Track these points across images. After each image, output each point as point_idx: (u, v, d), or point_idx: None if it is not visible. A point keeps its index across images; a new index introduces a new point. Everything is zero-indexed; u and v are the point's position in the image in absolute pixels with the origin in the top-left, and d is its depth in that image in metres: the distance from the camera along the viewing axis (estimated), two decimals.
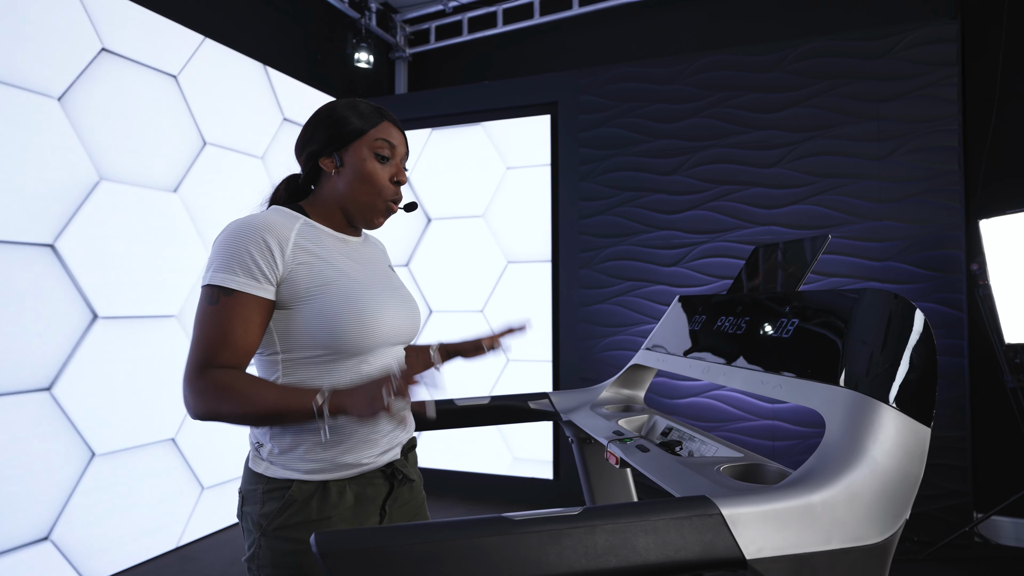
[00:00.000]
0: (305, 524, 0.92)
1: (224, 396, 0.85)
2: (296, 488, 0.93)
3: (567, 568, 0.56)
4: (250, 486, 0.97)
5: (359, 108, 1.03)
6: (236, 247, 0.91)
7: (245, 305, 0.90)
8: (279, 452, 0.95)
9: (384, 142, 1.02)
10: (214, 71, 3.01)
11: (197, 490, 2.88)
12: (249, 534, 0.96)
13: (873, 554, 0.62)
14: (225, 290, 0.89)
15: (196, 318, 0.91)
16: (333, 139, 1.01)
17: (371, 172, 1.01)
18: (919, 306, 2.64)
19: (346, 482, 0.96)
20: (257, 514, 0.94)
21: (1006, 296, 2.47)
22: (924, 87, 2.87)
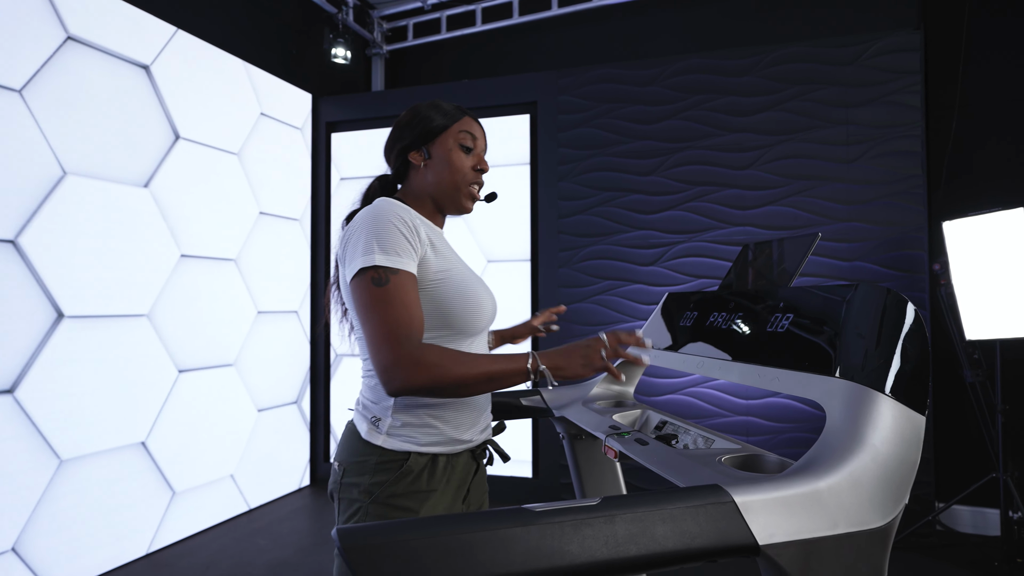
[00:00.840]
0: (415, 494, 1.00)
1: (445, 365, 0.90)
2: (413, 460, 1.00)
3: (589, 557, 0.57)
4: (359, 457, 1.02)
5: (442, 106, 1.12)
6: (387, 230, 0.97)
7: (409, 281, 0.96)
8: (400, 425, 1.01)
9: (467, 134, 1.11)
10: (188, 64, 2.93)
11: (168, 495, 2.79)
12: (351, 504, 1.01)
13: (876, 537, 0.64)
14: (392, 270, 0.95)
15: (368, 301, 0.94)
16: (421, 135, 1.10)
17: (456, 161, 1.09)
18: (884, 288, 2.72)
19: (449, 457, 1.04)
20: (368, 483, 1.00)
21: (966, 295, 2.59)
22: (890, 94, 2.98)
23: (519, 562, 0.55)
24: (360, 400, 1.08)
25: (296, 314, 3.70)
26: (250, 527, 3.04)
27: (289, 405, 3.61)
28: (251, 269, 3.32)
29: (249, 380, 3.29)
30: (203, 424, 2.98)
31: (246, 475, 3.25)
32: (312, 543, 2.86)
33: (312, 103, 3.82)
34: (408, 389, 0.90)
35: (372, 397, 1.06)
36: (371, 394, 1.06)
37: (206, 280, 3.02)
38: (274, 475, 3.48)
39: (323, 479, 3.79)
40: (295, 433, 3.66)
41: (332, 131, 3.90)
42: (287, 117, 3.62)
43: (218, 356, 3.09)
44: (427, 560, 0.53)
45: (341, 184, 3.87)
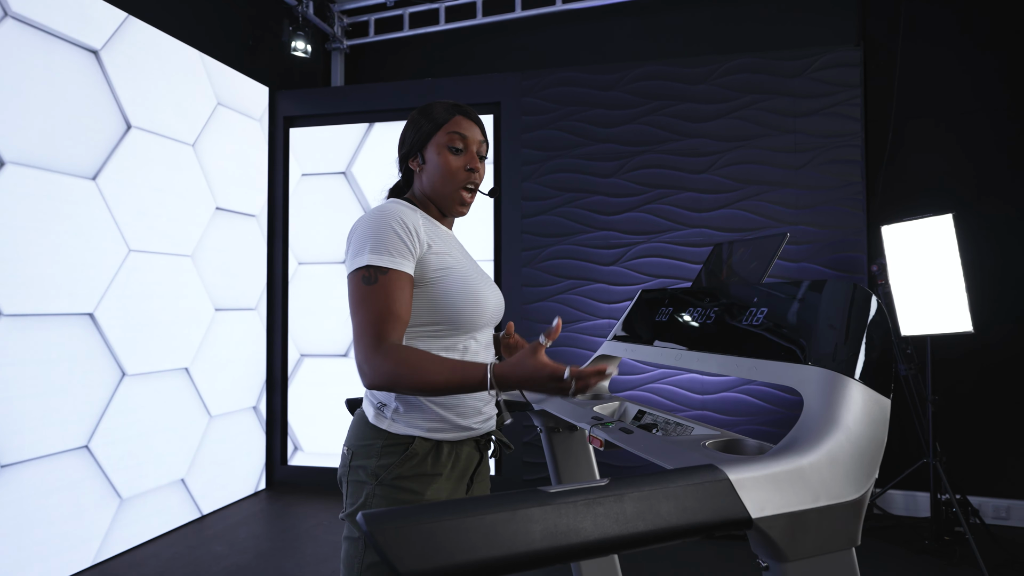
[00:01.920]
0: (420, 476, 1.03)
1: (401, 368, 0.93)
2: (417, 443, 1.03)
3: (602, 534, 0.60)
4: (366, 441, 1.05)
5: (434, 109, 1.13)
6: (382, 229, 1.01)
7: (400, 281, 0.99)
8: (404, 411, 1.04)
9: (456, 135, 1.11)
10: (141, 51, 2.80)
11: (115, 502, 2.66)
12: (360, 486, 1.03)
13: (852, 508, 0.70)
14: (381, 269, 0.98)
15: (358, 298, 0.98)
16: (416, 142, 1.13)
17: (445, 164, 1.10)
18: (851, 283, 2.90)
19: (454, 444, 1.07)
20: (374, 466, 1.03)
21: (901, 294, 2.79)
22: (833, 105, 3.18)
23: (538, 540, 0.58)
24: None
25: (255, 312, 3.59)
26: (204, 534, 2.93)
27: (246, 408, 3.51)
28: (207, 266, 3.21)
29: (204, 381, 3.17)
30: (151, 428, 2.86)
31: (198, 480, 3.13)
32: (272, 547, 2.79)
33: (269, 96, 3.72)
34: (374, 385, 0.95)
35: None
36: None
37: (157, 277, 2.90)
38: (228, 480, 3.36)
39: (280, 483, 3.70)
40: (250, 435, 3.55)
41: (291, 126, 3.81)
42: (244, 110, 3.51)
43: (170, 357, 2.97)
44: (452, 539, 0.55)
45: (303, 180, 3.79)
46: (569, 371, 0.87)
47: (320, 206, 3.74)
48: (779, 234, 1.06)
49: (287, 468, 3.72)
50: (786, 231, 1.07)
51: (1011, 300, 3.08)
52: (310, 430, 3.73)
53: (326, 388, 3.70)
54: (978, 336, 2.65)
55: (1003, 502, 3.06)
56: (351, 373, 3.66)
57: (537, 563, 0.58)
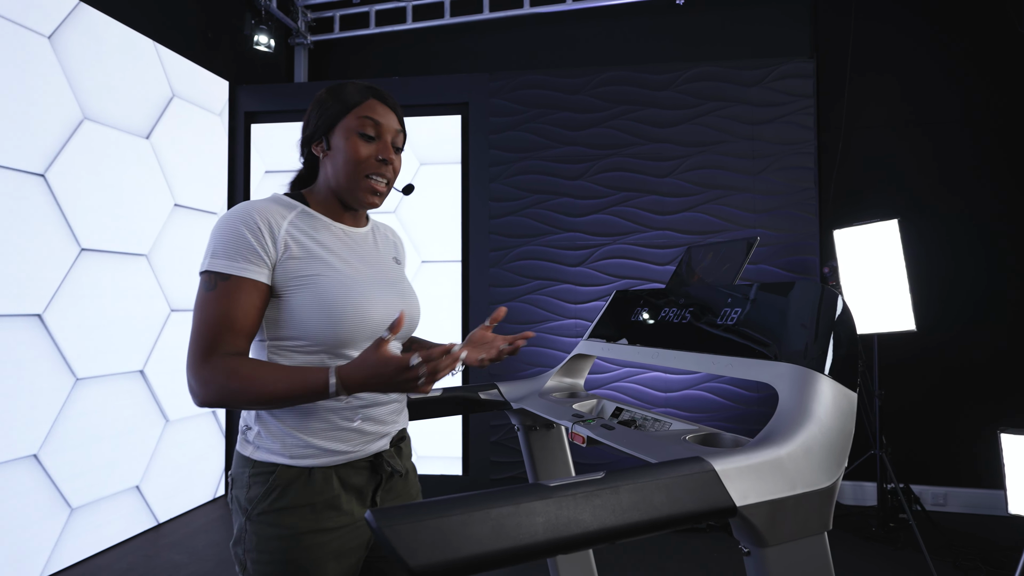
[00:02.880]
0: (288, 510, 0.92)
1: (232, 381, 0.84)
2: (280, 472, 0.93)
3: (600, 524, 0.63)
4: (238, 469, 0.97)
5: (346, 89, 1.00)
6: (230, 232, 0.91)
7: (242, 289, 0.89)
8: (265, 435, 0.95)
9: (367, 120, 0.98)
10: (93, 39, 2.68)
11: (64, 512, 2.54)
12: (236, 518, 0.96)
13: (824, 495, 0.75)
14: (222, 275, 0.89)
15: (195, 306, 0.90)
16: (320, 124, 1.00)
17: (352, 150, 0.97)
18: (818, 284, 3.01)
19: (332, 469, 0.95)
20: (244, 498, 0.94)
21: (851, 294, 2.94)
22: (788, 114, 3.32)
23: (541, 532, 0.60)
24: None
25: None
26: (162, 542, 2.83)
27: (204, 412, 3.40)
28: (164, 265, 3.09)
29: (160, 384, 3.06)
30: (106, 433, 2.74)
31: (154, 487, 3.02)
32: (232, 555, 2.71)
33: (229, 91, 3.62)
34: (205, 402, 0.85)
35: None
36: None
37: (111, 277, 2.78)
38: (186, 486, 3.25)
39: None
40: (209, 440, 3.45)
41: (252, 122, 3.71)
42: (203, 104, 3.41)
43: (124, 360, 2.85)
44: (459, 534, 0.57)
45: (266, 178, 3.69)
46: (416, 357, 0.79)
47: None
48: (750, 238, 1.12)
49: None
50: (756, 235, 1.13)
51: (951, 301, 3.29)
52: None
53: None
54: (920, 334, 2.82)
55: (940, 489, 3.27)
56: None
57: (540, 554, 0.60)
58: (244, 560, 0.94)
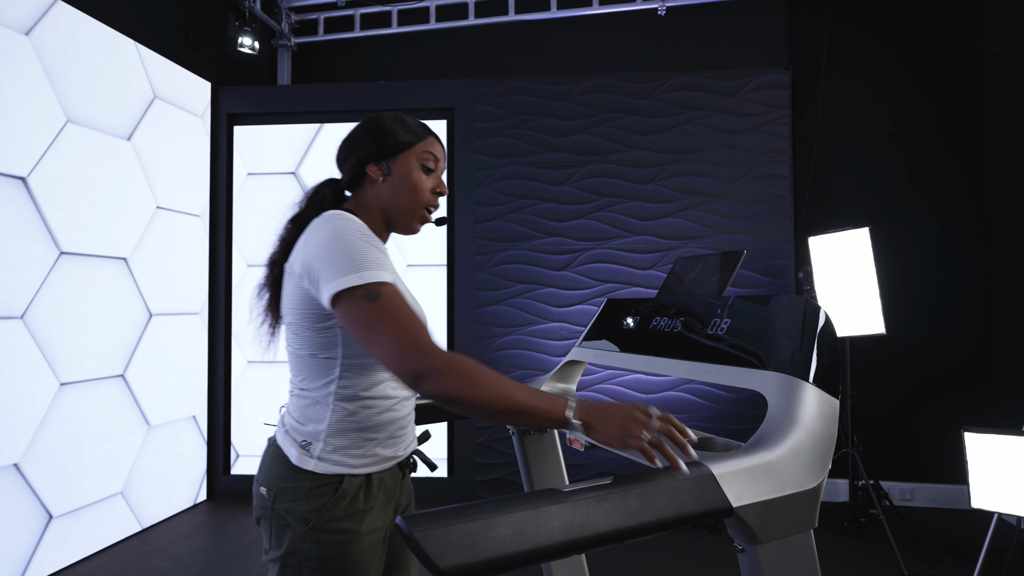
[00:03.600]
0: (353, 515, 0.99)
1: (478, 381, 0.84)
2: (347, 482, 0.99)
3: (611, 526, 0.67)
4: (290, 483, 0.98)
5: (407, 122, 1.08)
6: (360, 247, 0.94)
7: (398, 292, 0.92)
8: (332, 449, 0.99)
9: (430, 155, 1.08)
10: (72, 39, 2.64)
11: (42, 519, 2.50)
12: (284, 530, 0.98)
13: (811, 495, 0.82)
14: (379, 283, 0.91)
15: (368, 317, 0.89)
16: (383, 149, 1.06)
17: (416, 182, 1.06)
18: (803, 298, 3.08)
19: (382, 473, 1.04)
20: (303, 510, 0.97)
21: (824, 298, 3.06)
22: (765, 124, 3.44)
23: (558, 534, 0.65)
24: (287, 420, 1.04)
25: (198, 316, 3.45)
26: (145, 549, 2.80)
27: (185, 416, 3.36)
28: (145, 269, 3.06)
29: (142, 389, 3.02)
30: (87, 439, 2.70)
31: (136, 493, 2.98)
32: (219, 560, 2.70)
33: (212, 92, 3.59)
34: (440, 392, 0.84)
35: (301, 419, 1.02)
36: (301, 415, 1.02)
37: (91, 281, 2.74)
38: (167, 492, 3.22)
39: (222, 493, 3.57)
40: (190, 444, 3.41)
41: (235, 123, 3.68)
42: (185, 105, 3.37)
43: (105, 365, 2.81)
44: (485, 537, 0.61)
45: (248, 180, 3.67)
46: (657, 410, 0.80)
47: (268, 207, 3.64)
48: (736, 252, 1.18)
49: (229, 477, 3.60)
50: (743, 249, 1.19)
51: (920, 306, 3.44)
52: (254, 438, 3.63)
53: (273, 395, 3.61)
54: (890, 338, 2.95)
55: (908, 485, 3.42)
56: None
57: (558, 554, 0.65)
58: (299, 569, 0.96)
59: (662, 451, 0.76)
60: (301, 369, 1.02)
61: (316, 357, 1.00)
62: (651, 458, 0.77)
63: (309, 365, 1.01)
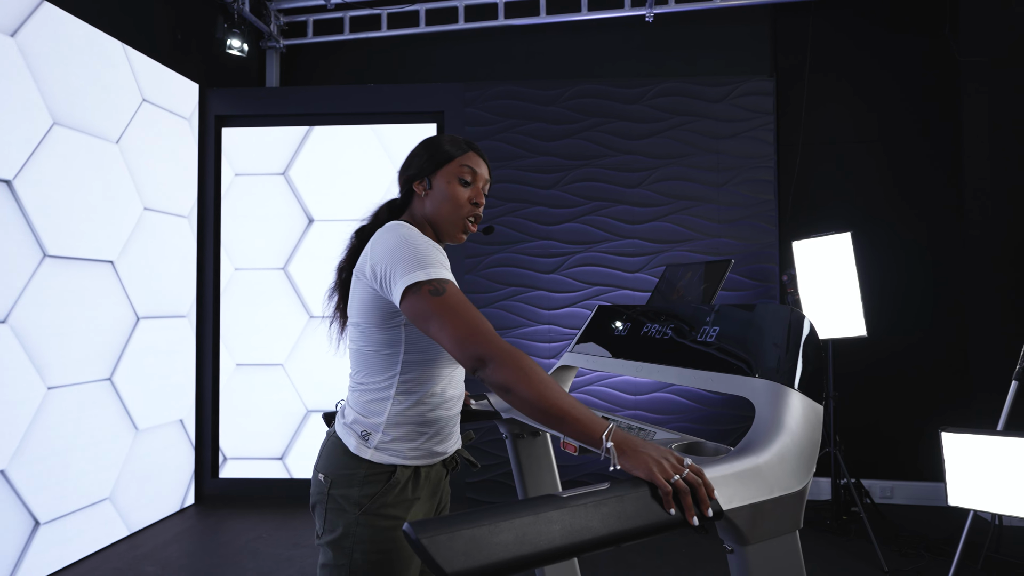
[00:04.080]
0: (403, 503, 1.07)
1: (532, 375, 0.90)
2: (400, 472, 1.07)
3: (608, 530, 0.70)
4: (347, 471, 1.07)
5: (454, 139, 1.19)
6: (424, 249, 1.03)
7: (460, 292, 1.00)
8: (390, 440, 1.08)
9: (468, 168, 1.16)
10: (59, 41, 2.62)
11: (28, 525, 2.48)
12: (340, 514, 1.06)
13: (796, 497, 0.85)
14: (444, 280, 0.99)
15: (434, 309, 0.96)
16: (426, 165, 1.16)
17: (454, 193, 1.15)
18: (788, 307, 3.13)
19: (429, 468, 1.12)
20: (358, 495, 1.05)
21: (808, 302, 3.13)
22: (750, 130, 3.50)
23: (559, 538, 0.67)
24: (348, 412, 1.12)
25: (185, 319, 3.43)
26: (133, 554, 2.78)
27: (172, 419, 3.34)
28: (132, 271, 3.03)
29: (129, 393, 3.00)
30: (74, 445, 2.68)
31: (124, 497, 2.96)
32: (210, 565, 2.69)
33: (199, 94, 3.57)
34: (495, 381, 0.91)
35: (363, 411, 1.10)
36: (362, 408, 1.10)
37: (79, 284, 2.72)
38: (154, 496, 3.19)
39: (210, 496, 3.55)
40: (177, 448, 3.39)
41: (223, 125, 3.67)
42: (173, 107, 3.35)
43: (92, 369, 2.79)
44: (488, 542, 0.64)
45: (237, 182, 3.65)
46: (690, 460, 0.80)
47: (257, 209, 3.63)
48: (724, 260, 1.22)
49: (217, 481, 3.58)
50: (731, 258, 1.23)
51: (899, 309, 3.53)
52: (243, 441, 3.61)
53: (262, 398, 3.60)
54: (872, 340, 3.02)
55: (888, 483, 3.50)
56: (287, 384, 3.59)
57: (558, 557, 0.68)
58: (352, 551, 1.04)
59: (683, 499, 0.76)
60: (364, 365, 1.11)
61: (379, 354, 1.09)
62: (668, 501, 0.75)
63: (372, 362, 1.10)
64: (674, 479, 0.76)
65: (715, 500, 0.78)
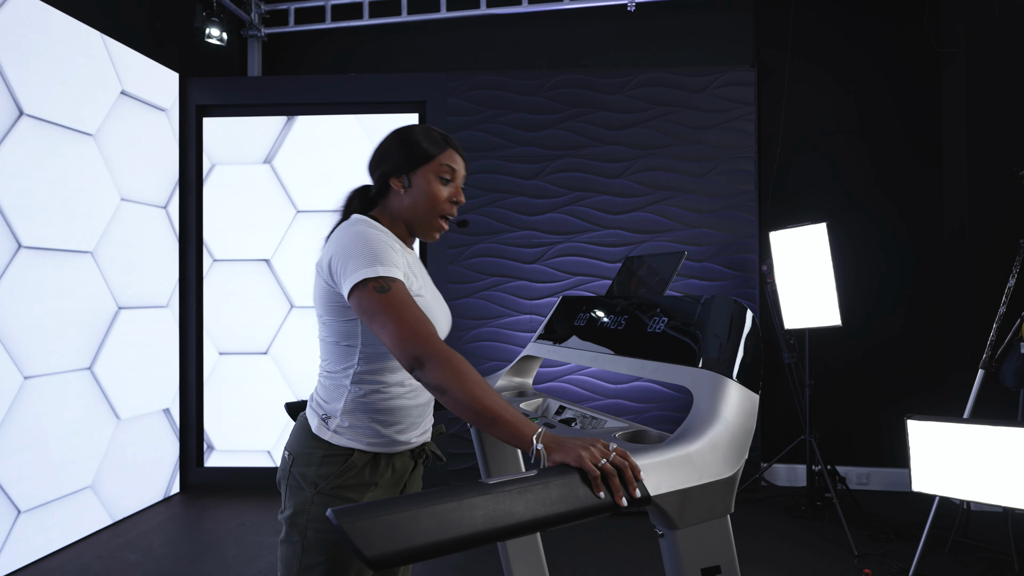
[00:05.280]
0: (359, 486, 1.09)
1: (466, 378, 0.91)
2: (357, 456, 1.09)
3: (532, 515, 0.73)
4: (307, 449, 1.10)
5: (431, 135, 1.17)
6: (376, 246, 1.04)
7: (406, 289, 1.01)
8: (348, 425, 1.10)
9: (448, 167, 1.16)
10: (32, 31, 2.60)
11: (11, 514, 2.50)
12: (298, 491, 1.09)
13: (727, 483, 0.88)
14: (391, 279, 1.01)
15: (377, 307, 0.98)
16: (405, 161, 1.14)
17: (434, 192, 1.14)
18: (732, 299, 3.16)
19: (391, 456, 1.14)
20: (314, 474, 1.08)
21: (785, 292, 3.16)
22: (731, 120, 3.51)
23: (481, 523, 0.70)
24: (314, 396, 1.16)
25: (167, 309, 3.43)
26: (115, 542, 2.82)
27: (155, 409, 3.36)
28: (110, 261, 3.03)
29: (110, 382, 3.02)
30: (53, 435, 2.69)
31: (106, 486, 2.99)
32: (191, 552, 2.73)
33: (180, 83, 3.55)
34: (430, 382, 0.93)
35: (325, 396, 1.13)
36: (325, 393, 1.14)
37: (55, 275, 2.72)
38: (138, 485, 3.22)
39: (194, 485, 3.58)
40: (161, 437, 3.41)
41: (204, 115, 3.65)
42: (152, 97, 3.33)
43: (72, 359, 2.80)
44: (409, 527, 0.66)
45: (217, 173, 3.64)
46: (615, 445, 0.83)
47: (238, 199, 3.63)
48: (678, 252, 1.24)
49: (202, 470, 3.61)
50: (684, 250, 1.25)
51: (875, 299, 3.56)
52: (227, 430, 3.64)
53: (245, 387, 3.62)
54: (845, 329, 3.06)
55: (864, 470, 3.56)
56: (272, 371, 3.60)
57: (480, 542, 0.70)
58: (305, 529, 1.07)
59: (610, 482, 0.78)
60: (327, 354, 1.14)
61: (339, 344, 1.11)
62: (597, 485, 0.78)
63: (333, 352, 1.12)
64: (601, 463, 0.79)
65: (642, 484, 0.80)
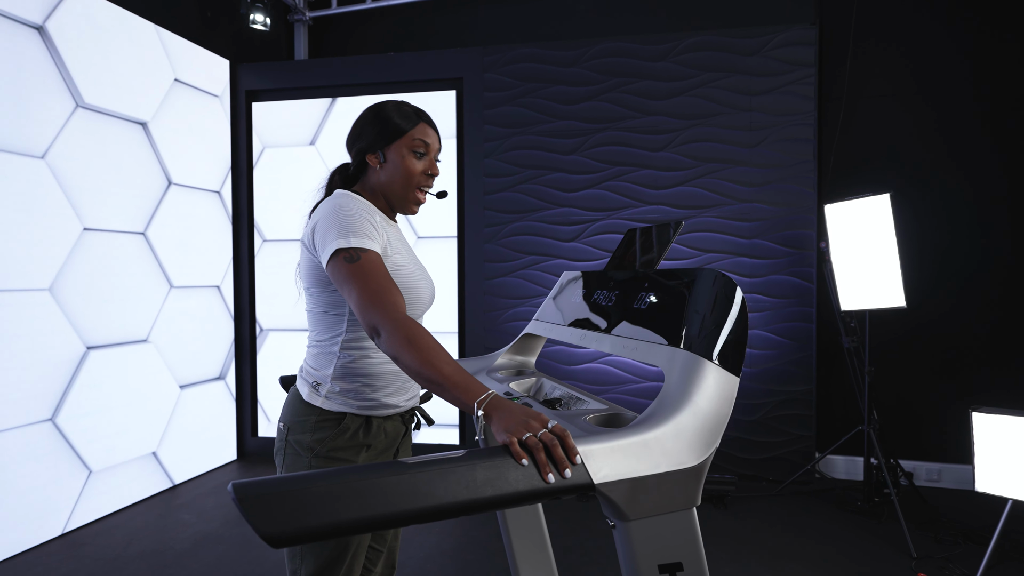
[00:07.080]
0: (353, 447, 1.15)
1: (417, 345, 0.92)
2: (349, 419, 1.15)
3: (452, 499, 0.69)
4: (301, 417, 1.15)
5: (402, 110, 1.20)
6: (354, 217, 1.08)
7: (379, 259, 1.05)
8: (339, 391, 1.15)
9: (421, 141, 1.19)
10: (90, 26, 2.76)
11: (83, 474, 2.74)
12: (296, 459, 1.14)
13: (692, 473, 0.80)
14: (361, 249, 1.05)
15: (346, 275, 1.02)
16: (379, 137, 1.18)
17: (408, 166, 1.18)
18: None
19: (382, 419, 1.19)
20: (310, 440, 1.13)
21: (842, 270, 2.90)
22: (788, 84, 3.23)
23: (394, 504, 0.66)
24: (303, 367, 1.21)
25: (218, 289, 3.63)
26: (173, 503, 3.03)
27: (214, 381, 3.57)
28: (164, 243, 3.22)
29: (168, 356, 3.23)
30: (119, 401, 2.92)
31: (170, 452, 3.22)
32: (239, 515, 2.89)
33: (230, 70, 3.68)
34: (391, 347, 0.94)
35: (314, 364, 1.18)
36: (314, 362, 1.18)
37: (113, 254, 2.92)
38: (200, 451, 3.45)
39: (251, 453, 3.80)
40: (221, 408, 3.63)
41: (253, 100, 3.78)
42: (204, 84, 3.48)
43: (129, 332, 3.01)
44: (314, 506, 0.64)
45: (264, 153, 3.78)
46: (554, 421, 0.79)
47: (286, 181, 3.75)
48: (674, 221, 1.14)
49: (257, 440, 3.81)
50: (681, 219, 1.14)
51: (941, 277, 3.22)
52: (276, 403, 3.82)
53: (292, 362, 3.77)
54: (912, 311, 2.78)
55: (936, 465, 3.25)
56: None
57: (390, 524, 0.67)
58: None
59: (535, 454, 0.73)
60: (315, 325, 1.19)
61: (327, 314, 1.16)
62: (518, 455, 0.73)
63: (321, 321, 1.17)
64: (525, 436, 0.74)
65: (583, 468, 0.74)
